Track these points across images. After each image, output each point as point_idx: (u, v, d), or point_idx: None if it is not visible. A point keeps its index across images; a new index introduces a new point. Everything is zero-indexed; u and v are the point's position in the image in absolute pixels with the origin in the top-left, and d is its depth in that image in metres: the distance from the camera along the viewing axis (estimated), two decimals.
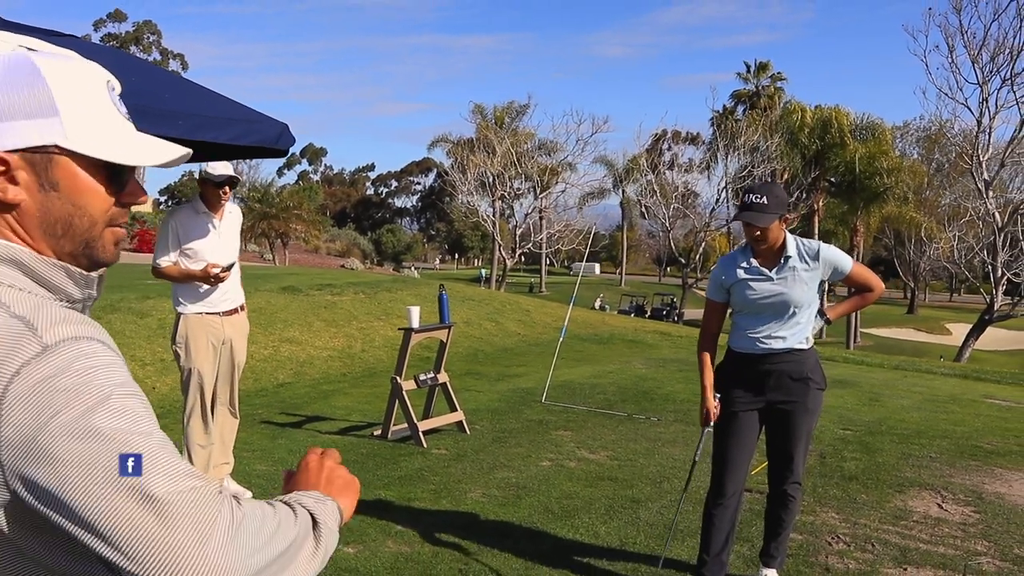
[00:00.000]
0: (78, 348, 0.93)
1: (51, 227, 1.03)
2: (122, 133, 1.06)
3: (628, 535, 4.58)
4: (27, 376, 0.88)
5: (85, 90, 1.03)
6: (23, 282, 1.00)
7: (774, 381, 3.67)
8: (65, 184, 1.02)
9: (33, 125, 0.99)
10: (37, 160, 1.00)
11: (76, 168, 1.03)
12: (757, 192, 3.57)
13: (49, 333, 0.93)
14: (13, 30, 3.65)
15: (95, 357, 0.93)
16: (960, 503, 5.31)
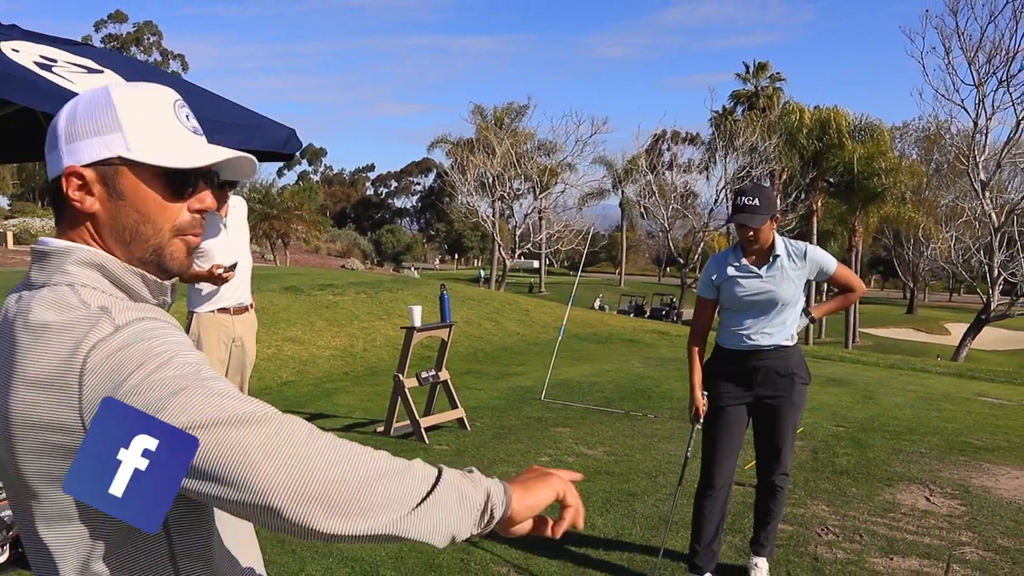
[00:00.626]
0: (143, 325, 1.06)
1: (121, 234, 1.16)
2: (183, 143, 1.17)
3: (624, 527, 4.73)
4: (102, 348, 1.02)
5: (148, 108, 1.16)
6: (105, 285, 1.14)
7: (761, 376, 3.83)
8: (130, 193, 1.15)
9: (101, 141, 1.13)
10: (107, 172, 1.14)
11: (140, 177, 1.15)
12: (749, 194, 3.72)
13: (121, 316, 1.07)
14: (33, 40, 3.80)
15: (158, 330, 1.07)
16: (947, 496, 5.46)
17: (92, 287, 1.12)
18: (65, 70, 3.38)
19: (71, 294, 1.10)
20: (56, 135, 1.15)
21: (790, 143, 37.20)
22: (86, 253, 1.14)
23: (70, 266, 1.13)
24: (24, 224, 43.36)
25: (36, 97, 3.03)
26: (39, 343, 1.05)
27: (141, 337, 1.04)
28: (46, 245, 1.16)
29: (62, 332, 1.05)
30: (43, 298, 1.10)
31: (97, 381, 1.01)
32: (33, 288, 1.13)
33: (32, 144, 4.83)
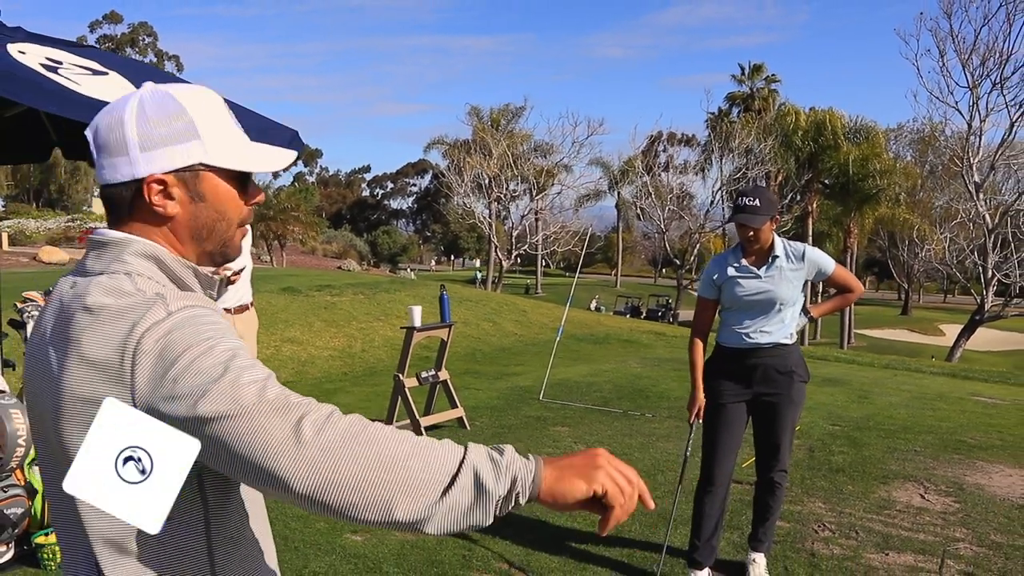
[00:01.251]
0: (193, 311, 1.13)
1: (199, 232, 1.26)
2: (245, 146, 1.27)
3: (623, 524, 4.75)
4: (154, 331, 1.09)
5: (215, 113, 1.24)
6: (159, 276, 1.21)
7: (760, 374, 3.89)
8: (210, 195, 1.24)
9: (182, 148, 1.20)
10: (187, 177, 1.22)
11: (218, 180, 1.24)
12: (750, 195, 3.80)
13: (174, 303, 1.13)
14: (38, 42, 3.84)
15: (205, 316, 1.14)
16: (941, 493, 5.52)
17: (147, 277, 1.19)
18: (71, 72, 3.42)
19: (128, 282, 1.16)
20: (124, 142, 1.19)
21: (785, 145, 37.32)
22: (143, 245, 1.21)
23: (128, 256, 1.20)
24: (19, 225, 43.26)
25: (44, 99, 3.07)
26: (97, 324, 1.11)
27: (189, 322, 1.11)
28: (104, 236, 1.22)
29: (119, 315, 1.11)
30: (101, 283, 1.16)
31: (148, 362, 1.07)
32: (89, 275, 1.20)
33: (32, 145, 4.86)
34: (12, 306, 4.84)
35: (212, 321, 1.14)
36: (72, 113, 3.19)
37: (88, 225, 41.91)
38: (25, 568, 4.01)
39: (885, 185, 36.78)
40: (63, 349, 1.14)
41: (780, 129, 37.75)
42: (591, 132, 43.57)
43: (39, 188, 70.67)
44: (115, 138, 1.20)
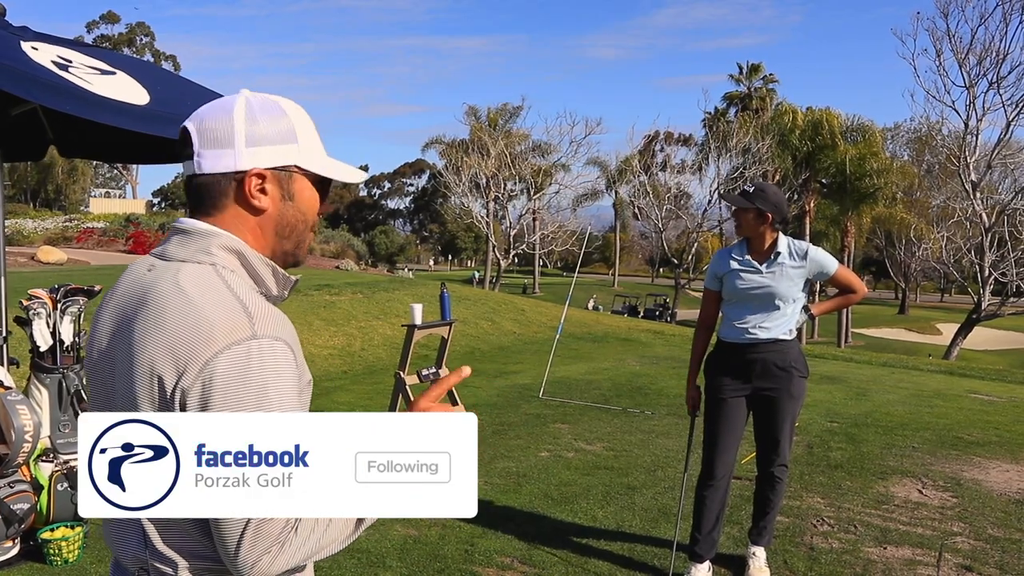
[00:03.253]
0: (275, 349, 1.17)
1: (283, 230, 1.33)
2: (329, 158, 1.37)
3: (624, 519, 4.83)
4: (231, 356, 1.14)
5: (308, 124, 1.34)
6: (240, 271, 1.27)
7: (760, 369, 3.93)
8: (298, 196, 1.33)
9: (283, 149, 1.30)
10: (283, 176, 1.31)
11: (306, 183, 1.34)
12: (753, 184, 3.94)
13: (260, 325, 1.18)
14: (50, 42, 3.88)
15: (281, 363, 1.17)
16: (939, 489, 5.57)
17: (231, 270, 1.25)
18: (82, 71, 3.45)
19: (215, 274, 1.22)
20: (231, 135, 1.27)
21: (783, 144, 37.38)
22: (229, 239, 1.27)
23: (215, 248, 1.26)
24: (16, 225, 43.20)
25: (57, 97, 3.10)
26: (186, 313, 1.17)
27: (265, 366, 1.15)
28: (191, 225, 1.28)
29: (209, 315, 1.16)
30: (191, 272, 1.22)
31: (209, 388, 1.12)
32: (169, 260, 1.25)
33: (28, 144, 4.87)
34: (18, 304, 4.87)
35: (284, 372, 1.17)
36: (87, 113, 3.21)
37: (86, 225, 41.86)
38: (31, 563, 4.05)
39: (882, 184, 36.88)
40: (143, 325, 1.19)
41: (777, 128, 37.81)
42: (588, 132, 43.68)
43: (36, 188, 70.57)
44: (223, 131, 1.27)
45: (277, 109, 1.31)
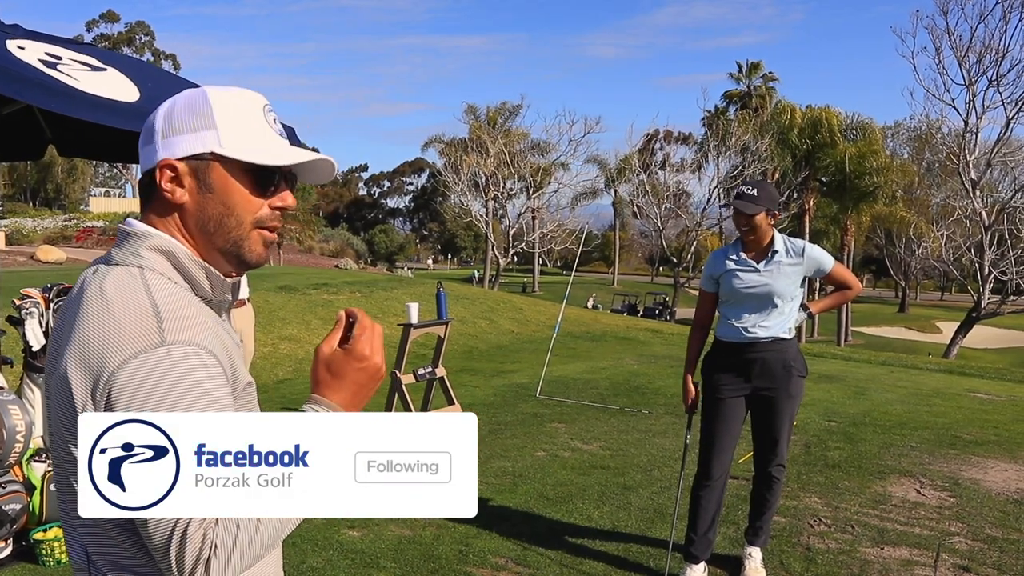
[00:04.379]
0: (187, 355, 1.10)
1: (206, 224, 1.24)
2: (270, 143, 1.25)
3: (620, 519, 4.81)
4: (135, 366, 1.08)
5: (240, 109, 1.25)
6: (172, 273, 1.22)
7: (759, 368, 3.91)
8: (218, 186, 1.23)
9: (196, 137, 1.22)
10: (199, 166, 1.22)
11: (228, 172, 1.23)
12: (750, 185, 3.88)
13: (171, 330, 1.11)
14: (36, 39, 3.84)
15: (196, 367, 1.11)
16: (937, 488, 5.55)
17: (160, 273, 1.20)
18: (70, 68, 3.42)
19: (138, 278, 1.18)
20: (152, 131, 1.24)
21: (782, 142, 37.35)
22: (160, 240, 1.22)
23: (144, 250, 1.21)
24: (16, 224, 43.23)
25: (44, 95, 3.07)
26: (100, 321, 1.13)
27: (173, 374, 1.09)
28: (130, 227, 1.24)
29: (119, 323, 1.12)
30: (116, 276, 1.18)
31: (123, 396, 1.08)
32: (110, 264, 1.22)
33: (27, 143, 4.85)
34: (10, 303, 4.85)
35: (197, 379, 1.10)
36: (74, 111, 3.18)
37: (85, 224, 41.86)
38: (23, 564, 4.02)
39: (882, 183, 36.84)
40: (68, 335, 1.15)
41: (777, 127, 37.78)
42: (588, 130, 43.66)
43: (36, 187, 70.56)
44: (148, 128, 1.24)
45: (201, 99, 1.24)
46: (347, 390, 1.21)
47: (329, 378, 1.21)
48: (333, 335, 1.23)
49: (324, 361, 1.21)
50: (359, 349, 1.21)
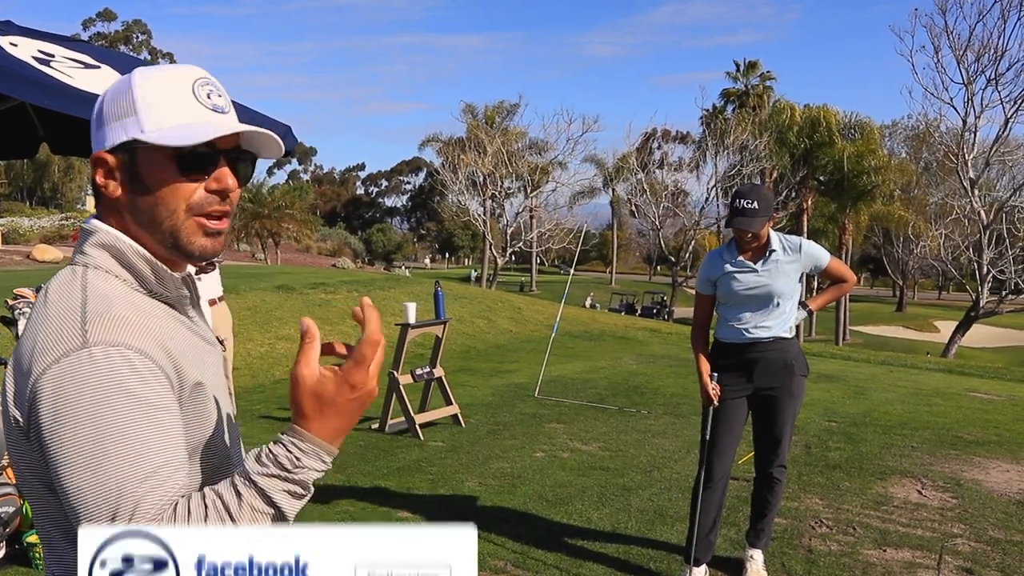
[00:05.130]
0: (109, 357, 1.02)
1: (140, 217, 1.15)
2: (196, 122, 1.13)
3: (620, 520, 4.76)
4: (57, 372, 1.01)
5: (165, 88, 1.13)
6: (117, 268, 1.14)
7: (760, 368, 3.86)
8: (146, 175, 1.13)
9: (120, 125, 1.13)
10: (126, 157, 1.14)
11: (154, 159, 1.12)
12: (747, 197, 3.76)
13: (96, 331, 1.03)
14: (29, 35, 3.79)
15: (123, 369, 1.02)
16: (939, 489, 5.51)
17: (105, 270, 1.13)
18: (64, 65, 3.37)
19: (78, 276, 1.11)
20: (92, 123, 1.17)
21: (780, 141, 37.32)
22: (105, 235, 1.15)
23: (88, 247, 1.15)
24: (12, 223, 43.10)
25: (37, 93, 3.02)
26: (36, 325, 1.08)
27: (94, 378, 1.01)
28: (86, 223, 1.19)
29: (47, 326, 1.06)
30: (59, 277, 1.13)
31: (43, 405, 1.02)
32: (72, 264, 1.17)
33: (20, 141, 4.80)
34: (3, 303, 4.80)
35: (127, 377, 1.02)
36: (68, 108, 3.13)
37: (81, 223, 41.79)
38: (16, 567, 3.97)
39: (880, 182, 36.82)
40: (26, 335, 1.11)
41: (775, 126, 37.75)
42: (586, 129, 43.56)
43: (32, 186, 70.40)
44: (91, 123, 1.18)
45: (126, 83, 1.14)
46: (337, 421, 1.05)
47: (317, 408, 1.04)
48: (309, 353, 1.04)
49: (310, 390, 1.03)
50: (359, 377, 1.04)
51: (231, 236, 50.66)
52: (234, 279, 15.56)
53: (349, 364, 1.03)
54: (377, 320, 1.05)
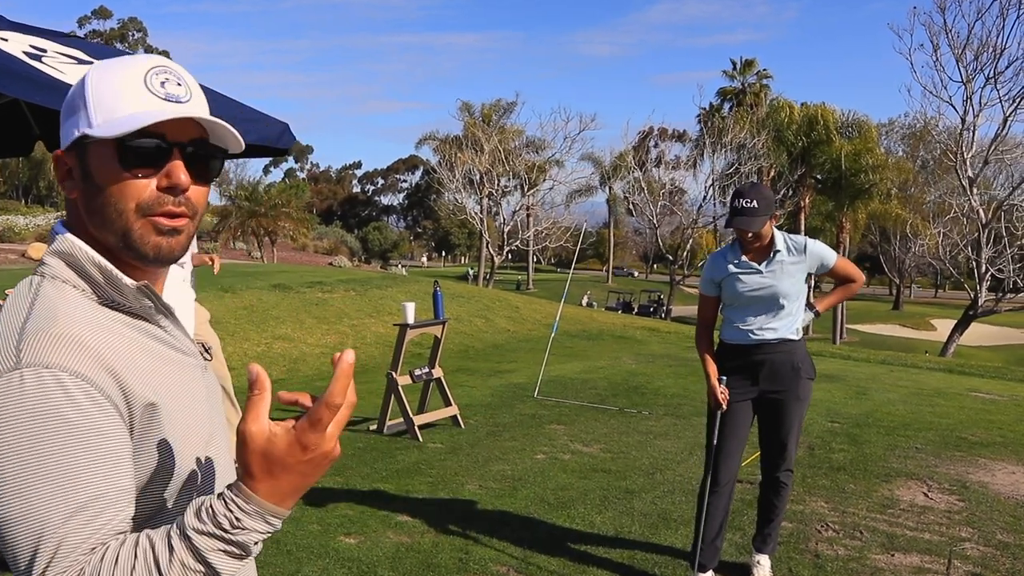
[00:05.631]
0: (40, 380, 0.93)
1: (93, 218, 1.06)
2: (144, 113, 1.03)
3: (623, 525, 4.68)
4: None
5: (114, 80, 1.05)
6: (70, 276, 1.06)
7: (766, 371, 3.79)
8: (95, 173, 1.05)
9: (72, 122, 1.06)
10: (79, 154, 1.06)
11: (102, 156, 1.04)
12: (747, 196, 3.68)
13: (31, 350, 0.95)
14: (20, 30, 3.70)
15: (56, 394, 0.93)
16: (945, 492, 5.44)
17: (62, 280, 1.05)
18: (55, 60, 3.29)
19: (32, 288, 1.04)
20: None
21: (778, 140, 37.30)
22: (62, 242, 1.07)
23: (48, 257, 1.07)
24: (8, 222, 42.96)
25: (28, 89, 2.94)
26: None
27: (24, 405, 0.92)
28: (53, 230, 1.11)
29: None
30: (17, 289, 1.06)
31: None
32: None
33: (14, 139, 4.72)
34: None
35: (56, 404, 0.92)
36: (59, 104, 3.04)
37: None
38: (7, 574, 3.88)
39: (878, 180, 36.81)
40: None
41: (773, 124, 37.73)
42: (583, 128, 43.53)
43: (28, 184, 70.19)
44: None
45: (83, 79, 1.07)
46: (289, 483, 0.92)
47: (266, 468, 0.92)
48: (259, 407, 0.92)
49: (259, 449, 0.91)
50: (312, 438, 0.91)
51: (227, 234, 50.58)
52: (230, 278, 15.46)
53: (303, 423, 0.91)
54: (344, 381, 0.92)
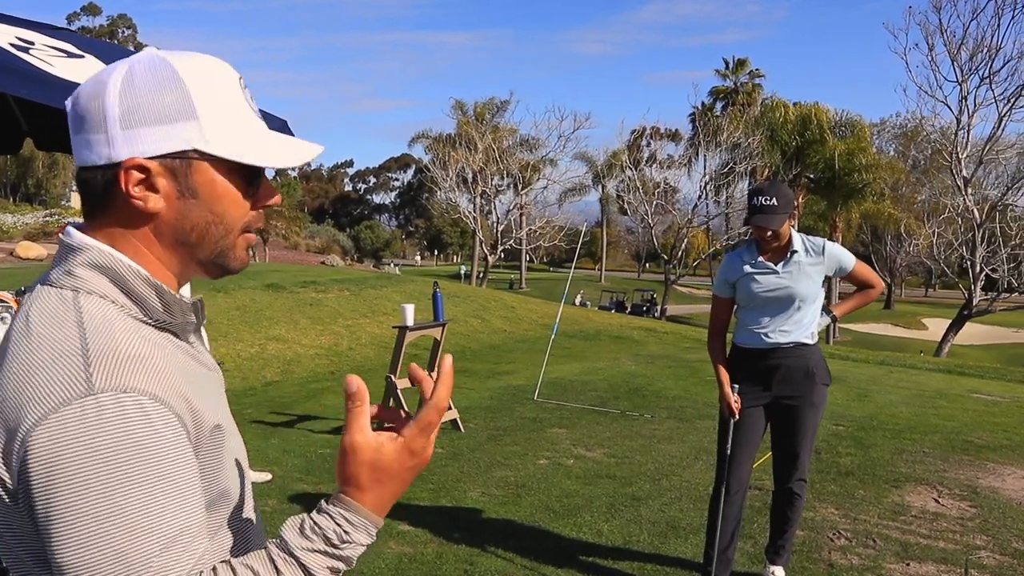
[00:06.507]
0: (123, 408, 0.85)
1: (186, 235, 0.99)
2: (257, 133, 1.01)
3: (631, 533, 4.57)
4: (54, 426, 0.83)
5: (222, 90, 0.99)
6: (115, 294, 0.95)
7: (780, 376, 3.67)
8: (204, 191, 0.98)
9: (174, 129, 0.95)
10: (177, 166, 0.96)
11: (215, 173, 0.98)
12: (766, 194, 3.58)
13: (102, 374, 0.86)
14: (10, 23, 3.53)
15: (137, 421, 0.85)
16: (956, 498, 5.34)
17: (100, 295, 0.93)
18: (44, 53, 3.14)
19: (70, 304, 0.92)
20: (103, 115, 0.94)
21: (772, 139, 37.26)
22: (97, 254, 0.95)
23: (79, 269, 0.94)
24: None
25: (16, 82, 2.80)
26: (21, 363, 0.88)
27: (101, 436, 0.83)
28: (68, 238, 0.98)
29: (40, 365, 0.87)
30: (45, 302, 0.93)
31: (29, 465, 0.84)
32: (45, 284, 0.96)
33: (4, 137, 4.57)
34: None
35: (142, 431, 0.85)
36: (50, 98, 2.91)
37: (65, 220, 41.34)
38: None
39: (871, 179, 36.80)
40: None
41: (767, 123, 37.69)
42: (577, 126, 43.46)
43: (16, 182, 69.70)
44: (94, 109, 0.94)
45: (168, 73, 0.94)
46: (392, 492, 0.95)
47: (375, 478, 0.93)
48: (360, 418, 0.93)
49: (368, 459, 0.92)
50: (421, 443, 0.96)
51: None
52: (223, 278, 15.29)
53: (413, 430, 0.95)
54: (449, 383, 0.98)
